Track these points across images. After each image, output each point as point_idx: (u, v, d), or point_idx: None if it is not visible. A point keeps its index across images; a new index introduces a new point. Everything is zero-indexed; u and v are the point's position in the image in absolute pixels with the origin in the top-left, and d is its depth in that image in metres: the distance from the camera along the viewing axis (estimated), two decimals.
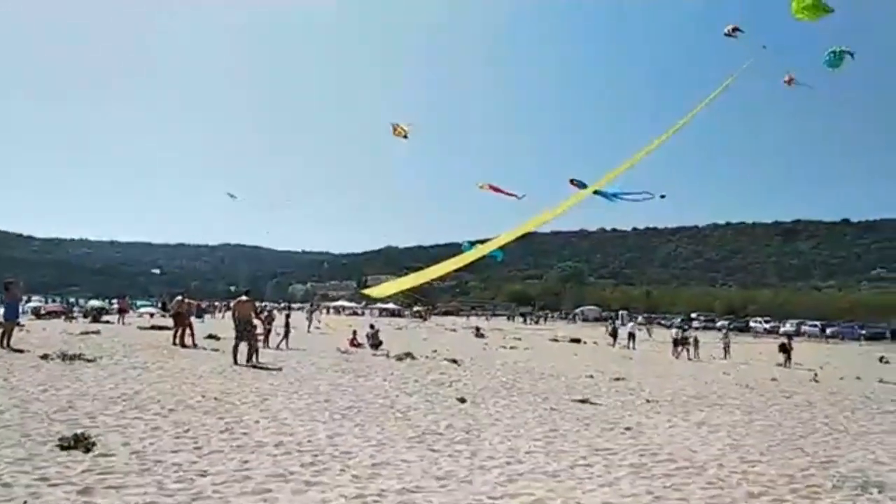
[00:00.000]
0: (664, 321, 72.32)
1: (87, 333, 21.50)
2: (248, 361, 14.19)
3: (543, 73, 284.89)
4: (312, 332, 33.35)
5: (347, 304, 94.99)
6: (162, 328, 23.87)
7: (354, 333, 23.97)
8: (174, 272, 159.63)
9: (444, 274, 11.23)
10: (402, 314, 79.82)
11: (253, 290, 20.45)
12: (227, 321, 35.13)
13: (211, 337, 20.94)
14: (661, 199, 14.77)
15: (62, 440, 6.25)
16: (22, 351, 14.06)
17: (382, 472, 6.06)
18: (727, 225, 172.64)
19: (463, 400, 10.83)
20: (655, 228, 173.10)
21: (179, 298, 19.50)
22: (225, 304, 66.06)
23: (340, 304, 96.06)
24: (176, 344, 17.96)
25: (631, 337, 35.37)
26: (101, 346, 16.75)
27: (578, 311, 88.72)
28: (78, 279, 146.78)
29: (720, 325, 62.96)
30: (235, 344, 14.79)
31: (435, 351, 22.53)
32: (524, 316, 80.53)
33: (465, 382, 13.50)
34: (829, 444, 8.81)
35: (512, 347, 29.42)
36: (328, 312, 78.92)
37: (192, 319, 20.39)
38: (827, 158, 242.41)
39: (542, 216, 12.48)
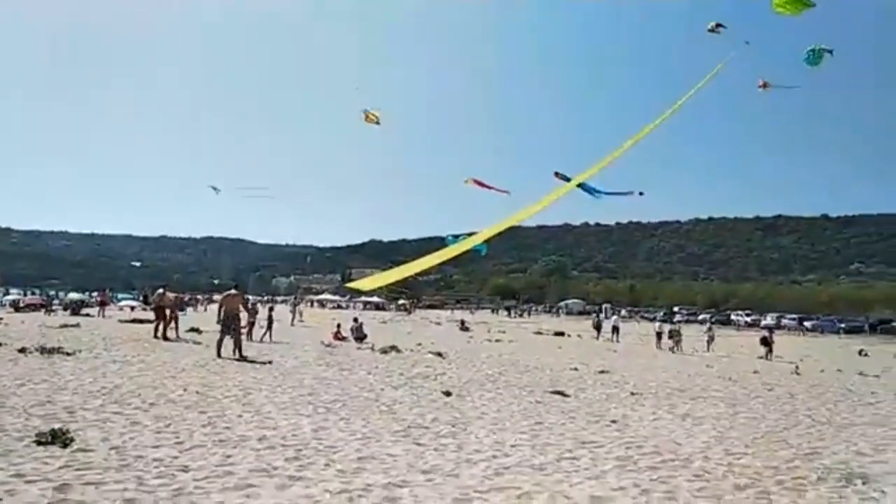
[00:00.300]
0: (647, 314, 72.83)
1: (66, 326, 21.22)
2: (235, 355, 14.09)
3: (529, 65, 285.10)
4: (296, 325, 33.15)
5: (331, 297, 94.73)
6: (143, 321, 23.56)
7: (339, 327, 23.82)
8: (156, 265, 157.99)
9: (428, 267, 11.18)
10: (386, 308, 79.64)
11: (239, 284, 20.24)
12: (209, 314, 34.87)
13: (193, 330, 20.72)
14: (639, 195, 14.85)
15: (39, 435, 6.10)
16: (0, 344, 13.81)
17: (368, 466, 5.99)
18: (709, 220, 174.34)
19: (448, 393, 10.78)
20: (639, 223, 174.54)
21: (161, 291, 19.26)
22: (207, 297, 65.71)
23: (324, 297, 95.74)
24: (157, 337, 17.75)
25: (615, 330, 35.53)
26: (80, 339, 16.53)
27: (562, 304, 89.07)
28: (58, 272, 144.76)
29: (702, 318, 63.51)
30: (220, 338, 14.65)
31: (420, 344, 22.45)
32: (509, 309, 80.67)
33: (450, 376, 13.45)
34: (812, 435, 8.86)
35: (497, 340, 29.43)
36: (312, 306, 78.59)
37: (177, 313, 20.19)
38: (807, 155, 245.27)
39: (526, 210, 12.45)
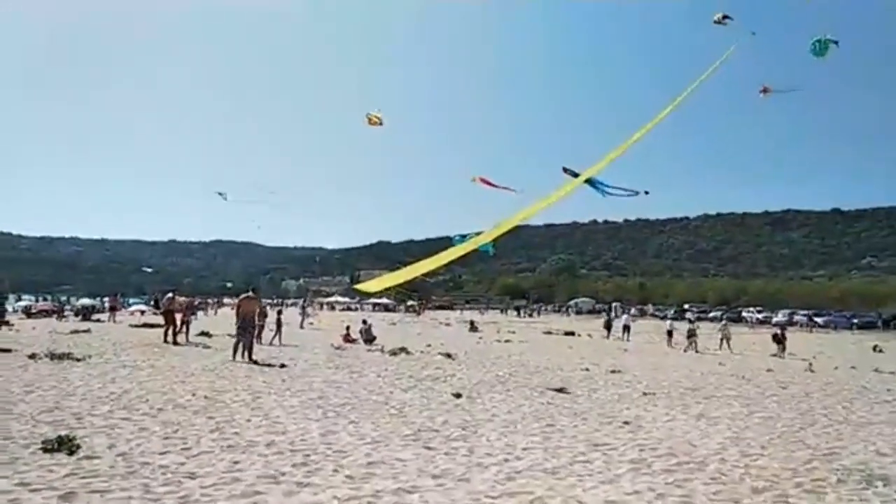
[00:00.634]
0: (657, 313, 72.38)
1: (76, 332, 21.28)
2: (245, 358, 14.08)
3: (536, 64, 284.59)
4: (306, 327, 33.13)
5: (341, 299, 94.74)
6: (153, 326, 23.64)
7: (348, 329, 23.77)
8: (167, 270, 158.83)
9: (436, 268, 11.07)
10: (395, 309, 79.59)
11: (247, 286, 20.24)
12: (219, 318, 34.93)
13: (203, 334, 20.73)
14: (645, 194, 14.70)
15: (46, 442, 6.05)
16: (10, 350, 13.85)
17: (377, 471, 5.89)
18: (718, 215, 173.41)
19: (458, 395, 10.68)
20: (647, 220, 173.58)
21: (170, 296, 19.27)
22: (217, 300, 65.90)
23: (334, 299, 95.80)
24: (167, 341, 17.75)
25: (625, 329, 35.31)
26: (90, 344, 16.55)
27: (572, 303, 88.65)
28: (70, 278, 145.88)
29: (713, 315, 63.06)
30: (237, 341, 14.64)
31: (429, 345, 22.37)
32: (518, 309, 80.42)
33: (460, 377, 13.35)
34: (830, 435, 8.70)
35: (507, 341, 29.29)
36: (321, 308, 78.66)
37: (189, 317, 20.23)
38: (817, 148, 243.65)
39: (533, 206, 12.29)
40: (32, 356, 12.73)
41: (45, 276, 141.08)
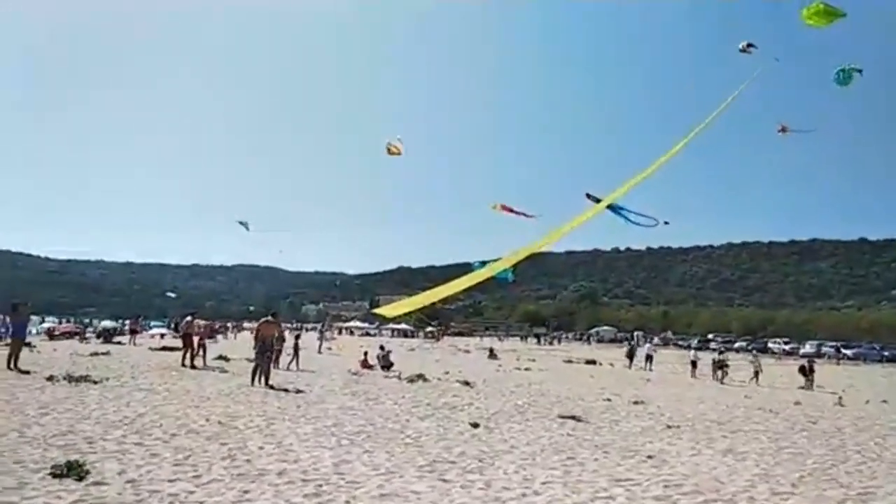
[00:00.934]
0: (681, 342, 71.25)
1: (96, 354, 21.35)
2: (261, 383, 13.99)
3: (557, 89, 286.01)
4: (323, 352, 33.03)
5: (360, 324, 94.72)
6: (172, 349, 23.67)
7: (366, 354, 23.62)
8: (189, 293, 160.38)
9: (454, 293, 10.92)
10: (414, 335, 79.30)
11: (267, 310, 20.23)
12: (239, 342, 34.98)
13: (221, 358, 20.71)
14: (665, 224, 14.46)
15: (55, 467, 5.95)
16: (28, 372, 13.88)
17: (390, 503, 5.70)
18: (743, 244, 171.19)
19: (476, 425, 10.44)
20: (670, 248, 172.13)
21: (189, 319, 19.30)
22: (237, 324, 66.14)
23: (353, 324, 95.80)
24: (185, 365, 17.72)
25: (648, 359, 34.72)
26: (109, 367, 16.56)
27: (593, 331, 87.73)
28: (94, 300, 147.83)
29: (738, 346, 61.90)
30: (255, 365, 14.58)
31: (447, 372, 22.11)
32: (538, 337, 79.70)
33: (477, 406, 13.10)
34: (863, 473, 8.32)
35: (526, 369, 28.90)
36: (340, 333, 78.63)
37: (205, 341, 20.23)
38: (844, 177, 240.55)
39: (554, 232, 12.12)
40: (50, 378, 12.74)
41: (70, 298, 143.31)
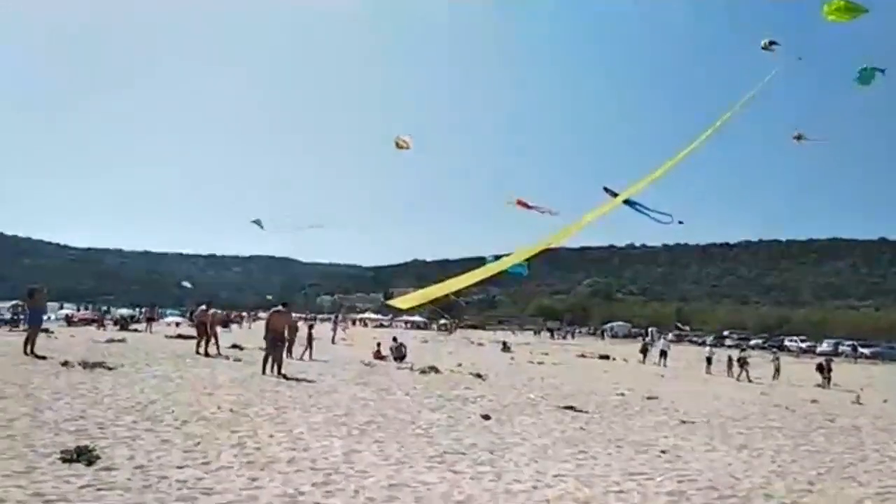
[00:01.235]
0: (696, 339, 70.68)
1: (112, 341, 21.53)
2: (274, 372, 14.00)
3: (576, 84, 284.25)
4: (337, 343, 33.11)
5: (373, 315, 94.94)
6: (188, 337, 23.80)
7: (379, 346, 23.63)
8: (205, 283, 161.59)
9: (468, 286, 10.86)
10: (428, 327, 79.34)
11: (288, 302, 20.19)
12: (253, 331, 35.18)
13: (235, 346, 20.79)
14: (679, 224, 14.28)
15: (64, 452, 5.95)
16: (45, 358, 13.97)
17: (399, 494, 5.64)
18: (760, 242, 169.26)
19: (488, 417, 10.38)
20: (686, 245, 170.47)
21: (203, 307, 19.37)
22: (253, 313, 66.48)
23: (367, 315, 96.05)
24: (199, 353, 17.81)
25: (663, 354, 34.47)
26: (124, 354, 16.66)
27: (607, 327, 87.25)
28: (113, 289, 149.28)
29: (753, 343, 61.25)
30: (266, 354, 14.61)
31: (460, 365, 22.06)
32: (551, 331, 79.41)
33: (490, 398, 13.03)
34: (882, 472, 8.16)
35: (539, 363, 28.79)
36: (353, 324, 78.86)
37: (217, 329, 20.29)
38: (863, 175, 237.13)
39: (570, 227, 11.99)
40: (65, 363, 12.80)
41: (89, 285, 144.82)
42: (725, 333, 72.59)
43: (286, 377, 13.80)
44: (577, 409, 12.19)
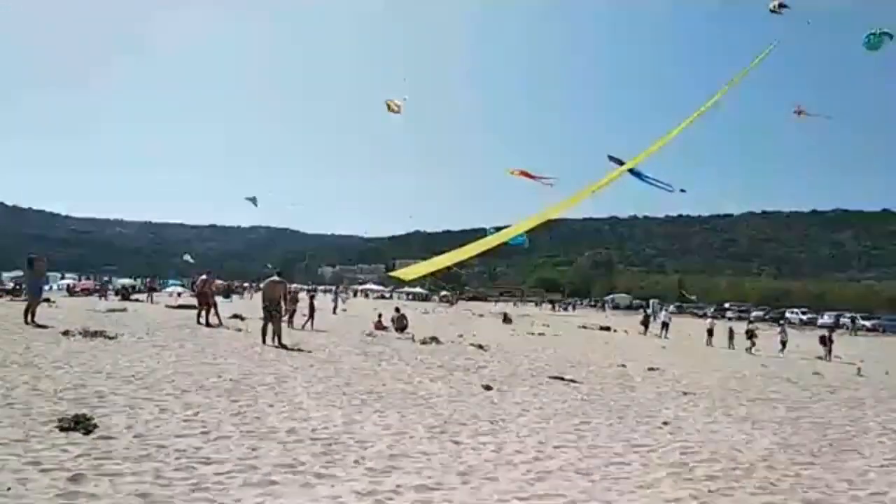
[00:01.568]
0: (697, 311, 70.81)
1: (113, 311, 21.51)
2: (275, 342, 13.98)
3: (575, 54, 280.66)
4: (339, 313, 33.15)
5: (375, 287, 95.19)
6: (189, 307, 23.79)
7: (380, 316, 23.62)
8: (206, 254, 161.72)
9: (470, 257, 10.77)
10: (429, 298, 79.53)
11: (284, 271, 20.17)
12: (255, 301, 35.20)
13: (236, 317, 20.78)
14: (681, 192, 14.12)
15: (62, 420, 5.89)
16: (45, 327, 13.95)
17: (399, 464, 5.58)
18: (762, 213, 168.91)
19: (489, 387, 10.35)
20: (688, 216, 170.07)
21: (204, 277, 19.31)
22: (255, 284, 66.60)
23: (368, 287, 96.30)
24: (200, 323, 17.79)
25: (664, 326, 34.53)
26: (124, 323, 16.65)
27: (609, 298, 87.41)
28: (115, 259, 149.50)
29: (754, 315, 61.29)
30: (264, 324, 14.57)
31: (461, 336, 22.07)
32: (553, 303, 79.60)
33: (491, 369, 13.02)
34: (885, 444, 8.11)
35: (540, 334, 28.82)
36: (355, 295, 79.05)
37: (217, 299, 20.24)
38: (867, 146, 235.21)
39: (576, 195, 11.83)
40: (66, 333, 12.76)
41: (91, 256, 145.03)
42: (726, 305, 72.69)
43: (286, 347, 13.79)
44: (577, 380, 12.19)
